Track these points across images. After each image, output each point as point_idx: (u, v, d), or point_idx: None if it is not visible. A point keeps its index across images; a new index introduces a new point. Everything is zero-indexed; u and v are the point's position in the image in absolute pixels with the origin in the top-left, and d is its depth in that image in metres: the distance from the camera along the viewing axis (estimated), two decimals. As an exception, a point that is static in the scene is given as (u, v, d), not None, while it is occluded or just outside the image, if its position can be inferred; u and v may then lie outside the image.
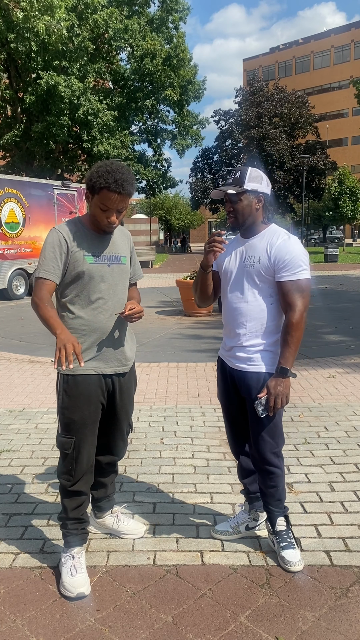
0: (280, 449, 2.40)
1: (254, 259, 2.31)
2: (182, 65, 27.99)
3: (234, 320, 2.37)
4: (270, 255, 2.27)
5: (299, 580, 2.30)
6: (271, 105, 43.57)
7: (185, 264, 26.78)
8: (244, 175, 2.28)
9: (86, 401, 2.27)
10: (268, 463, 2.36)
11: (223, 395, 2.53)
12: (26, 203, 13.39)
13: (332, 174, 42.91)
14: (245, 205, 2.29)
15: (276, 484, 2.40)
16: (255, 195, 2.29)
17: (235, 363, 2.40)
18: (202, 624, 2.06)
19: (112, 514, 2.65)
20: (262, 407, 2.26)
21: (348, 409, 4.53)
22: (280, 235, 2.30)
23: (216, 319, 9.78)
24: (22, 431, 4.12)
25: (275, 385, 2.24)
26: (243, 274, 2.34)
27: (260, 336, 2.33)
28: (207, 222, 70.46)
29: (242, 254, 2.37)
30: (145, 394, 5.03)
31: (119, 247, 2.37)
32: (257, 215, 2.32)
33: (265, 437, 2.34)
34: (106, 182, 2.11)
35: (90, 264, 2.25)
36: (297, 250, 2.26)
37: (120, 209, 2.20)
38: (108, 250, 2.32)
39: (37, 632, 2.02)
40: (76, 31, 22.91)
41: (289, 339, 2.24)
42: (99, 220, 2.22)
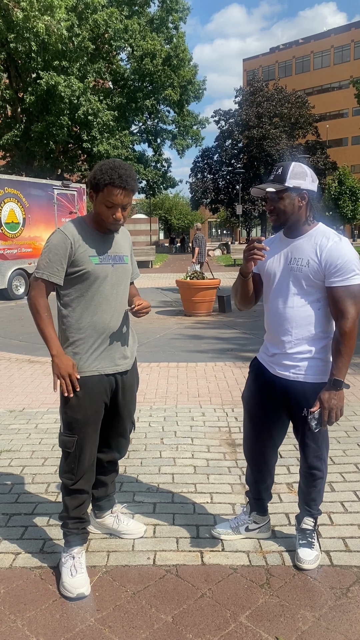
0: (324, 453, 2.36)
1: (301, 262, 2.18)
2: (182, 65, 27.99)
3: (279, 326, 2.26)
4: (320, 258, 2.14)
5: (299, 580, 2.30)
6: (271, 105, 43.60)
7: (186, 264, 26.77)
8: (286, 172, 2.15)
9: (89, 401, 2.28)
10: (310, 466, 2.35)
11: (253, 398, 2.43)
12: (26, 203, 13.39)
13: (332, 174, 42.94)
14: (287, 203, 2.16)
15: (316, 485, 2.40)
16: (298, 192, 2.16)
17: (279, 370, 2.30)
18: (202, 624, 2.06)
19: (112, 513, 2.64)
20: (315, 421, 2.17)
21: (348, 409, 4.53)
22: (331, 236, 2.17)
23: (216, 319, 9.78)
24: (22, 431, 4.12)
25: (329, 398, 2.14)
26: (289, 277, 2.22)
27: (307, 343, 2.23)
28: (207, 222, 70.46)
29: (287, 256, 2.24)
30: (145, 394, 5.03)
31: (121, 247, 2.37)
32: (300, 214, 2.19)
33: (309, 443, 2.31)
34: (110, 178, 2.12)
35: (95, 265, 2.25)
36: (349, 253, 2.12)
37: (125, 205, 2.20)
38: (112, 250, 2.32)
39: (37, 632, 2.02)
40: (76, 31, 22.90)
41: (342, 349, 2.12)
42: (105, 218, 2.21)
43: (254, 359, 2.50)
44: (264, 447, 2.47)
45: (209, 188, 45.41)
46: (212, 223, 75.71)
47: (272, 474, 2.56)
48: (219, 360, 6.43)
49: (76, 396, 2.26)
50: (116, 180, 2.12)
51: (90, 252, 2.24)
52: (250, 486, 2.60)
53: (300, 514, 2.49)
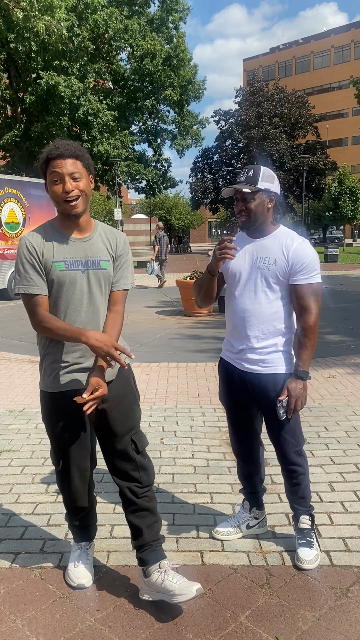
0: (302, 447, 2.40)
1: (268, 261, 2.28)
2: (182, 65, 27.99)
3: (245, 322, 2.34)
4: (287, 257, 2.25)
5: (299, 580, 2.30)
6: (271, 105, 43.58)
7: (186, 264, 26.77)
8: (257, 174, 2.25)
9: (64, 418, 2.10)
10: (291, 462, 2.38)
11: (228, 398, 2.50)
12: (26, 203, 13.39)
13: (332, 174, 42.93)
14: (258, 204, 2.26)
15: (299, 481, 2.41)
16: (268, 194, 2.28)
17: (247, 365, 2.37)
18: (202, 624, 2.06)
19: (159, 568, 2.13)
20: (283, 409, 2.28)
21: (348, 409, 4.53)
22: (295, 237, 2.30)
23: (216, 319, 9.78)
24: (22, 431, 4.12)
25: (295, 387, 2.25)
26: (255, 275, 2.31)
27: (273, 337, 2.32)
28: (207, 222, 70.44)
29: (252, 255, 2.33)
30: (145, 394, 5.03)
31: (98, 250, 2.08)
32: (268, 215, 2.31)
33: (287, 437, 2.35)
34: (47, 153, 1.98)
35: (60, 271, 2.00)
36: (312, 254, 2.27)
37: (72, 173, 1.95)
38: (83, 253, 2.05)
39: (37, 632, 2.02)
40: (76, 31, 22.90)
41: (307, 341, 2.25)
42: (57, 199, 1.97)
43: (220, 359, 2.55)
44: (249, 440, 2.53)
45: (209, 188, 45.40)
46: (212, 223, 75.66)
47: (262, 465, 2.60)
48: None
49: (48, 414, 2.13)
50: (52, 151, 1.97)
51: (55, 258, 2.01)
52: (244, 482, 2.62)
53: (295, 514, 2.50)
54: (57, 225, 2.08)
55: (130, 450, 2.15)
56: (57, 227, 2.08)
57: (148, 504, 2.18)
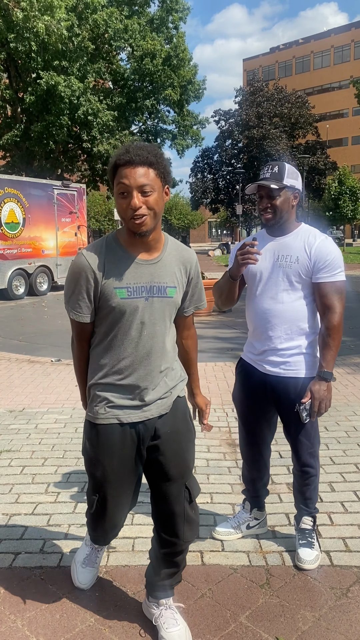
0: (317, 450, 2.38)
1: (290, 259, 2.23)
2: (182, 65, 27.98)
3: (267, 323, 2.29)
4: (310, 255, 2.20)
5: (299, 580, 2.30)
6: (271, 105, 43.62)
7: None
8: (283, 171, 2.22)
9: (108, 453, 1.85)
10: (304, 464, 2.37)
11: (244, 400, 2.45)
12: (26, 203, 13.39)
13: (332, 174, 42.94)
14: (284, 201, 2.22)
15: (309, 483, 2.41)
16: (293, 191, 2.24)
17: (269, 367, 2.32)
18: (202, 624, 2.06)
19: (157, 605, 2.03)
20: (306, 412, 2.22)
21: (348, 409, 4.53)
22: (317, 234, 2.25)
23: (216, 319, 9.77)
24: (22, 431, 4.12)
25: (319, 389, 2.19)
26: (278, 274, 2.26)
27: (296, 338, 2.26)
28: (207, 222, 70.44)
29: (274, 253, 2.28)
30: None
31: (165, 274, 1.81)
32: (292, 212, 2.27)
33: (302, 440, 2.33)
34: (117, 158, 1.68)
35: (121, 299, 1.75)
36: (336, 251, 2.22)
37: (142, 186, 1.65)
38: (148, 278, 1.78)
39: (37, 632, 2.02)
40: (76, 31, 22.89)
41: (331, 342, 2.19)
42: (123, 215, 1.69)
43: (240, 360, 2.51)
44: (258, 446, 2.50)
45: (209, 188, 45.44)
46: (212, 223, 75.67)
47: (268, 471, 2.59)
48: (219, 360, 6.43)
49: (92, 448, 1.88)
50: (122, 157, 1.66)
51: (117, 283, 1.74)
52: (248, 484, 2.61)
53: (298, 514, 2.50)
54: (123, 242, 1.79)
55: (182, 499, 1.89)
56: (122, 244, 1.79)
57: (180, 559, 1.98)
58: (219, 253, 39.63)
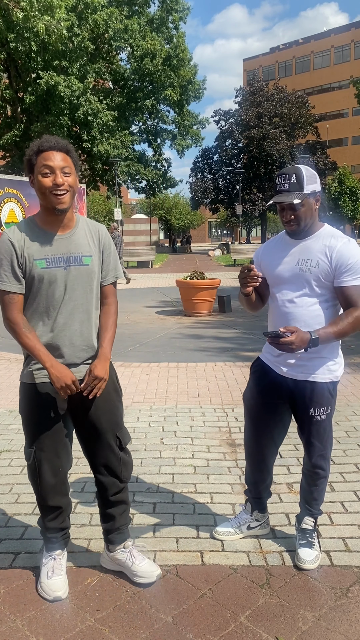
0: (328, 452, 2.38)
1: (310, 263, 2.19)
2: (182, 65, 28.01)
3: (286, 325, 2.26)
4: (331, 259, 2.16)
5: (299, 580, 2.30)
6: (271, 105, 43.59)
7: (186, 264, 26.78)
8: (302, 179, 2.14)
9: (40, 410, 2.10)
10: (314, 465, 2.37)
11: (255, 398, 2.43)
12: (26, 203, 13.39)
13: (332, 174, 42.95)
14: (307, 209, 2.17)
15: (318, 484, 2.41)
16: (314, 196, 2.19)
17: (285, 370, 2.31)
18: (202, 624, 2.06)
19: (124, 548, 2.31)
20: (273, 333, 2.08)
21: (348, 409, 4.53)
22: (339, 237, 2.20)
23: (216, 319, 9.78)
24: (22, 431, 4.12)
25: (301, 336, 2.07)
26: (298, 278, 2.23)
27: None
28: (207, 222, 70.44)
29: (295, 257, 2.25)
30: (145, 394, 5.03)
31: (80, 246, 2.08)
32: (315, 216, 2.23)
33: (314, 442, 2.33)
34: (39, 145, 1.98)
35: (41, 269, 2.00)
36: (359, 253, 2.16)
37: (63, 167, 1.96)
38: (65, 249, 2.05)
39: (37, 632, 2.02)
40: (76, 31, 22.92)
41: (344, 325, 2.10)
42: (46, 192, 1.95)
43: (257, 360, 2.49)
44: (265, 448, 2.48)
45: (209, 188, 45.40)
46: (212, 223, 75.66)
47: (271, 473, 2.58)
48: (219, 360, 6.43)
49: (28, 404, 2.12)
50: (44, 144, 1.97)
51: (37, 255, 2.01)
52: (251, 486, 2.60)
53: (300, 513, 2.50)
54: (39, 222, 2.07)
55: (114, 447, 2.19)
56: (39, 223, 2.07)
57: (123, 496, 2.29)
58: (219, 253, 39.62)
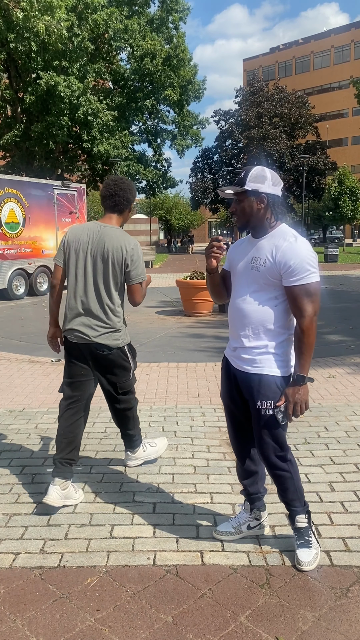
0: (286, 452, 2.36)
1: (259, 261, 2.26)
2: (182, 65, 27.98)
3: (238, 321, 2.36)
4: (275, 258, 2.21)
5: (299, 580, 2.30)
6: (271, 105, 43.60)
7: (186, 264, 26.77)
8: (247, 175, 2.23)
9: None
10: (273, 466, 2.36)
11: (226, 395, 2.51)
12: (26, 203, 13.38)
13: (332, 174, 42.95)
14: (246, 206, 2.25)
15: (286, 486, 2.38)
16: (257, 195, 2.23)
17: (239, 364, 2.38)
18: (202, 624, 2.06)
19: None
20: (281, 414, 2.24)
21: (348, 409, 4.53)
22: (287, 237, 2.23)
23: (216, 318, 9.78)
24: (22, 431, 4.12)
25: (293, 393, 2.21)
26: (248, 276, 2.31)
27: (263, 338, 2.29)
28: (207, 222, 70.44)
29: (250, 255, 2.33)
30: (145, 394, 5.03)
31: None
32: (260, 216, 2.26)
33: (267, 441, 2.32)
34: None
35: None
36: (303, 253, 2.18)
37: None
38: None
39: (37, 632, 2.02)
40: (76, 31, 22.89)
41: (302, 346, 2.19)
42: None
43: (223, 356, 2.57)
44: (243, 441, 2.53)
45: (209, 188, 45.40)
46: (212, 223, 75.66)
47: (258, 468, 2.58)
48: (219, 360, 6.43)
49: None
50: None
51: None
52: (243, 482, 2.61)
53: (290, 514, 2.47)
54: None
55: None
56: None
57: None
58: (219, 253, 39.52)
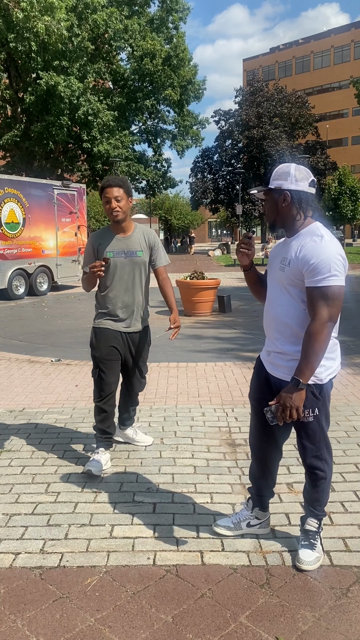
0: (323, 452, 2.32)
1: (285, 262, 2.20)
2: (182, 65, 27.98)
3: (269, 324, 2.32)
4: (298, 258, 2.12)
5: (299, 580, 2.30)
6: (271, 105, 43.60)
7: (186, 264, 26.76)
8: (271, 174, 2.20)
9: (103, 345, 3.33)
10: (309, 466, 2.35)
11: (255, 397, 2.47)
12: (26, 203, 13.38)
13: (332, 174, 42.93)
14: (272, 204, 2.22)
15: (318, 485, 2.38)
16: (280, 193, 2.18)
17: (272, 369, 2.34)
18: (202, 624, 2.06)
19: (131, 427, 3.79)
20: (271, 414, 2.19)
21: (348, 409, 4.53)
22: (315, 236, 2.13)
23: (216, 318, 9.78)
24: (22, 431, 4.12)
25: (286, 396, 2.12)
26: (278, 277, 2.26)
27: (292, 343, 2.21)
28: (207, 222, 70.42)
29: (281, 255, 2.28)
30: (145, 394, 5.03)
31: (135, 243, 3.32)
32: (286, 214, 2.20)
33: (305, 444, 2.31)
34: (102, 184, 3.22)
35: (109, 257, 3.24)
36: (326, 253, 2.05)
37: (116, 197, 3.17)
38: (124, 246, 3.30)
39: (37, 632, 2.02)
40: (76, 31, 22.89)
41: (307, 350, 2.06)
42: (108, 213, 3.21)
43: (258, 357, 2.54)
44: (266, 444, 2.50)
45: (209, 188, 45.39)
46: (212, 223, 75.65)
47: (274, 472, 2.58)
48: (219, 360, 6.43)
49: (95, 339, 3.37)
50: (104, 183, 3.21)
51: (108, 248, 3.29)
52: (253, 482, 2.61)
53: (304, 515, 2.48)
54: (111, 228, 3.35)
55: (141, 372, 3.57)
56: (111, 229, 3.35)
57: (136, 399, 3.71)
58: (218, 253, 39.64)
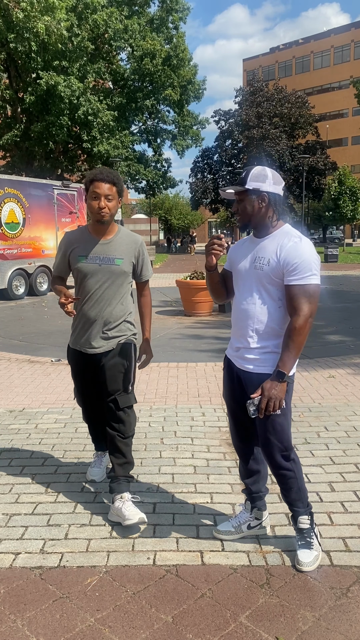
0: (290, 451, 2.35)
1: (263, 261, 2.27)
2: (182, 65, 27.98)
3: (242, 322, 2.36)
4: (279, 257, 2.21)
5: (299, 580, 2.30)
6: (271, 105, 43.57)
7: (186, 264, 26.77)
8: (247, 175, 2.25)
9: (74, 369, 2.95)
10: (277, 466, 2.35)
11: (228, 395, 2.52)
12: (26, 203, 13.38)
13: (332, 174, 42.93)
14: (248, 205, 2.27)
15: (289, 485, 2.38)
16: (257, 194, 2.25)
17: (243, 364, 2.38)
18: (202, 624, 2.06)
19: (121, 498, 2.76)
20: (254, 407, 2.24)
21: (348, 409, 4.53)
22: (292, 237, 2.25)
23: (216, 318, 9.78)
24: (22, 431, 4.12)
25: (270, 388, 2.20)
26: (253, 276, 2.31)
27: (267, 338, 2.30)
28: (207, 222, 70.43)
29: (253, 255, 2.33)
30: (145, 394, 5.03)
31: (114, 250, 2.75)
32: (262, 215, 2.28)
33: (271, 440, 2.32)
34: (93, 175, 2.65)
35: (81, 263, 2.74)
36: (307, 253, 2.20)
37: (107, 195, 2.64)
38: (101, 252, 2.73)
39: (37, 632, 2.02)
40: (76, 31, 22.89)
41: (290, 343, 2.19)
42: (93, 211, 2.65)
43: (225, 356, 2.58)
44: (245, 440, 2.53)
45: (209, 188, 45.37)
46: (212, 223, 75.63)
47: (261, 469, 2.58)
48: (219, 360, 6.43)
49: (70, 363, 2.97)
50: (97, 175, 2.64)
51: (81, 252, 2.74)
52: (244, 481, 2.61)
53: (292, 515, 2.47)
54: (89, 228, 2.79)
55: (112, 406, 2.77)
56: (89, 229, 2.79)
57: (124, 449, 2.79)
58: (219, 253, 39.49)
